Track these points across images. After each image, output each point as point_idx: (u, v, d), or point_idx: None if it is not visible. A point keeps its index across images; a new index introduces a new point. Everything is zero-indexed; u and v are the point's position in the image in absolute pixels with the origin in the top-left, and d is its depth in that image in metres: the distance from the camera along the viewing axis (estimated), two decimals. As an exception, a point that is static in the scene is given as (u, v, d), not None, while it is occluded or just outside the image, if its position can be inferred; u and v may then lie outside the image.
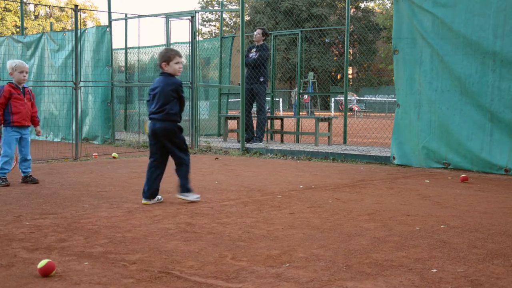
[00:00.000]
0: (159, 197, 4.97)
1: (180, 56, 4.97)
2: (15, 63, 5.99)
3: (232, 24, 51.79)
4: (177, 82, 4.92)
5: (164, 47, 11.55)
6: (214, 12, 51.92)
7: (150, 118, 4.92)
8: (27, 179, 6.03)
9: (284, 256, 3.20)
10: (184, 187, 4.93)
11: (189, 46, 10.53)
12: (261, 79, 10.00)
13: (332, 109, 27.83)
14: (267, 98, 11.57)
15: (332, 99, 27.97)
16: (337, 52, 40.82)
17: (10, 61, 6.07)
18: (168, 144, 4.88)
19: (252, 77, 10.03)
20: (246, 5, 40.65)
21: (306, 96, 22.59)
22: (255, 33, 10.23)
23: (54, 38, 12.23)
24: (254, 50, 10.05)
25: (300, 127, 11.84)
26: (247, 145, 9.66)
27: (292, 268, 2.96)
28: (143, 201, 4.88)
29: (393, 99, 18.75)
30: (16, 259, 3.13)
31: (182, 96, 4.91)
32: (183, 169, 4.93)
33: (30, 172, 6.09)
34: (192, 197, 4.95)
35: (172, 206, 4.74)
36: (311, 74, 25.11)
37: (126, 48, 13.78)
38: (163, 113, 4.81)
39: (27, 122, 6.06)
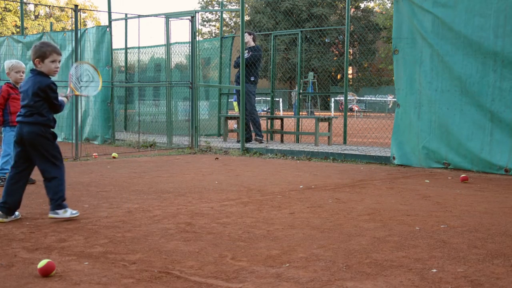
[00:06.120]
0: (17, 213, 4.22)
1: (59, 53, 4.32)
2: (11, 63, 6.00)
3: (232, 24, 51.80)
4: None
5: (163, 46, 11.57)
6: (214, 12, 51.94)
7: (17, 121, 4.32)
8: None
9: (284, 256, 3.20)
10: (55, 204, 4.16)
11: (189, 46, 10.53)
12: (252, 78, 10.17)
13: (332, 109, 27.83)
14: (267, 98, 11.57)
15: (332, 99, 27.98)
16: (337, 52, 40.81)
17: (7, 61, 6.08)
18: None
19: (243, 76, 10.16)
20: (246, 5, 40.64)
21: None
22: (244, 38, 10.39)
23: (55, 38, 12.23)
24: (247, 51, 10.23)
25: (300, 127, 11.85)
26: (247, 145, 9.67)
27: (292, 268, 2.96)
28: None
29: (393, 99, 18.73)
30: (16, 259, 3.13)
31: (51, 97, 4.33)
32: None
33: None
34: (66, 214, 4.14)
35: (172, 206, 4.74)
36: (311, 74, 25.10)
37: (126, 48, 13.79)
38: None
39: None
